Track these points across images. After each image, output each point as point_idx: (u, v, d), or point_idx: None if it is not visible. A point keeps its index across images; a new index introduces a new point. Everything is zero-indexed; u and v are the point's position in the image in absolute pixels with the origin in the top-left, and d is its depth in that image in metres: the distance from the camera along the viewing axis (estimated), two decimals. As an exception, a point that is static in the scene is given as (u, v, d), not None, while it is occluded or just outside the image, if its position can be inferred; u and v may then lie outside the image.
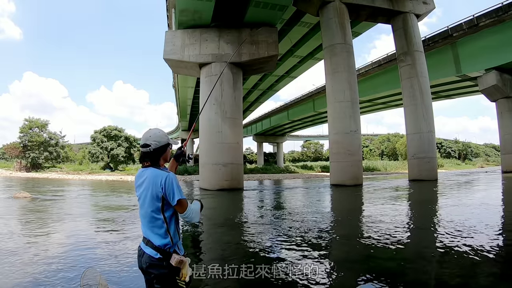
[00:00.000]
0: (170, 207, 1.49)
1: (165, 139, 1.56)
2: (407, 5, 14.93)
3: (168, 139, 1.59)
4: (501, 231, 4.33)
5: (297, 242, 4.00)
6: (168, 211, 1.49)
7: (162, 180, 1.45)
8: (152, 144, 1.52)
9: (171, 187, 1.45)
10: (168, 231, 1.48)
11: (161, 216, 1.47)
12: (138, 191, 1.54)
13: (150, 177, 1.49)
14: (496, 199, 8.28)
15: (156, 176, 1.48)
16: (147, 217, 1.49)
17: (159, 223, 1.47)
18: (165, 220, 1.47)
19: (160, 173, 1.48)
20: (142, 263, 1.49)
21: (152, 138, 1.53)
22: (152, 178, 1.48)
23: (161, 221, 1.47)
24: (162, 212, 1.47)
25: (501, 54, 15.35)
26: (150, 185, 1.47)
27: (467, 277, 2.72)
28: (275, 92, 30.94)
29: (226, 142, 12.75)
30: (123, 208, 7.92)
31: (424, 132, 14.27)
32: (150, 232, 1.48)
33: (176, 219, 1.53)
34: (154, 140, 1.53)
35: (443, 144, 54.24)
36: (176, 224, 1.53)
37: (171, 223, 1.49)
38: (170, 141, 1.60)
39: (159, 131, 1.58)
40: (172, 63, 14.22)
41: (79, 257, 3.36)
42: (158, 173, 1.49)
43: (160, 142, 1.54)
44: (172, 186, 1.45)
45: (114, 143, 35.85)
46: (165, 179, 1.45)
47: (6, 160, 43.71)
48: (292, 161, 55.93)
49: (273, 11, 13.18)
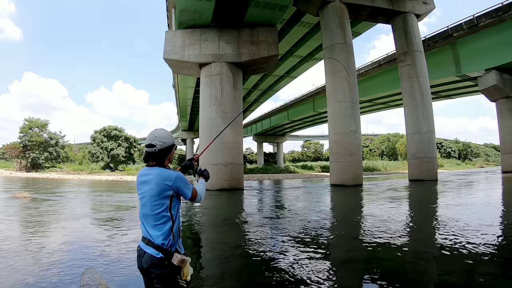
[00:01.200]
0: (177, 204, 1.53)
1: (170, 140, 1.57)
2: (407, 5, 14.92)
3: (173, 140, 1.60)
4: (502, 231, 4.33)
5: (297, 242, 4.00)
6: (175, 208, 1.52)
7: (172, 181, 1.48)
8: (157, 144, 1.53)
9: (183, 186, 1.51)
10: (171, 229, 1.49)
11: (167, 214, 1.48)
12: (141, 189, 1.54)
13: (157, 177, 1.49)
14: (496, 199, 8.27)
15: (164, 176, 1.49)
16: (150, 216, 1.49)
17: (165, 220, 1.48)
18: (172, 217, 1.50)
19: (169, 174, 1.50)
20: (142, 263, 1.48)
21: (158, 139, 1.54)
22: (160, 178, 1.48)
23: (167, 218, 1.48)
24: (169, 210, 1.49)
25: (501, 54, 15.35)
26: (158, 185, 1.48)
27: (468, 277, 2.72)
28: (275, 92, 30.95)
29: (226, 142, 12.74)
30: (123, 208, 7.92)
31: (424, 132, 14.27)
32: (153, 230, 1.47)
33: (179, 216, 1.56)
34: (160, 141, 1.53)
35: (443, 144, 54.25)
36: (179, 222, 1.55)
37: (176, 220, 1.52)
38: (175, 142, 1.63)
39: (164, 132, 1.59)
40: (172, 63, 14.22)
41: (79, 257, 3.36)
42: (167, 173, 1.50)
43: (166, 143, 1.55)
44: (185, 185, 1.52)
45: (114, 143, 35.87)
46: (175, 179, 1.49)
47: (6, 160, 43.71)
48: (292, 161, 55.92)
49: (273, 11, 13.18)
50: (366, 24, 17.41)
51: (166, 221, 1.48)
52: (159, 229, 1.47)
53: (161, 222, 1.47)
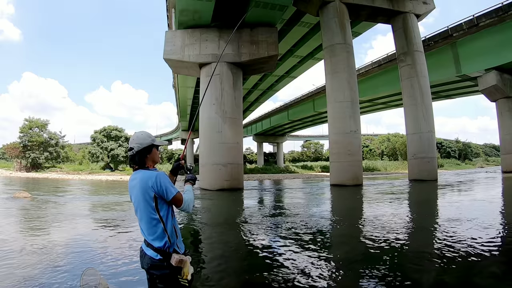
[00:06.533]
0: (164, 205, 1.49)
1: (148, 140, 1.55)
2: (407, 5, 14.92)
3: (152, 140, 1.57)
4: (502, 230, 4.33)
5: (297, 242, 4.00)
6: (163, 209, 1.49)
7: (152, 181, 1.46)
8: (135, 146, 1.53)
9: (163, 185, 1.46)
10: (165, 230, 1.48)
11: (156, 216, 1.47)
12: (132, 194, 1.55)
13: (140, 179, 1.49)
14: (497, 200, 8.26)
15: (145, 177, 1.48)
16: (143, 219, 1.49)
17: (155, 222, 1.47)
18: (161, 219, 1.48)
19: (149, 174, 1.49)
20: (144, 264, 1.51)
21: (135, 141, 1.54)
22: (142, 180, 1.48)
23: (157, 220, 1.47)
24: (157, 211, 1.47)
25: (501, 54, 15.35)
26: (141, 187, 1.47)
27: (468, 277, 2.72)
28: (275, 92, 30.95)
29: (226, 142, 12.75)
30: (123, 208, 7.91)
31: (424, 132, 14.27)
32: (148, 234, 1.49)
33: (172, 216, 1.54)
34: (137, 143, 1.53)
35: (443, 144, 54.25)
36: (172, 222, 1.53)
37: (167, 221, 1.50)
38: (156, 142, 1.59)
39: (142, 133, 1.58)
40: (172, 63, 14.22)
41: (79, 257, 3.36)
42: (147, 174, 1.49)
43: (142, 144, 1.54)
44: (164, 184, 1.46)
45: (114, 143, 35.86)
46: (155, 178, 1.46)
47: (6, 160, 43.67)
48: (292, 161, 55.92)
49: (273, 11, 13.18)
50: (366, 24, 17.41)
51: (157, 223, 1.47)
52: (152, 233, 1.47)
53: (152, 225, 1.47)
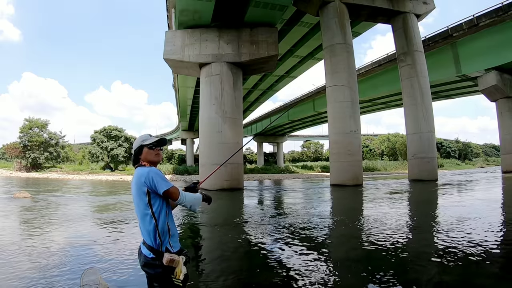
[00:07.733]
0: (157, 200, 1.51)
1: (138, 142, 1.69)
2: (407, 5, 14.92)
3: (141, 141, 1.67)
4: (503, 230, 4.33)
5: (297, 241, 4.00)
6: (156, 205, 1.51)
7: (144, 176, 1.51)
8: (132, 149, 1.73)
9: (154, 179, 1.50)
10: (156, 226, 1.49)
11: (149, 211, 1.49)
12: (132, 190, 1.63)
13: (135, 176, 1.56)
14: (497, 199, 8.27)
15: (139, 174, 1.54)
16: (138, 215, 1.53)
17: (148, 218, 1.49)
18: (153, 215, 1.50)
19: (142, 170, 1.54)
20: (140, 261, 1.54)
21: (133, 145, 1.72)
22: (136, 176, 1.55)
23: (150, 216, 1.49)
24: (150, 206, 1.50)
25: (501, 54, 15.35)
26: (135, 183, 1.53)
27: (468, 277, 2.72)
28: (275, 92, 30.95)
29: (226, 142, 12.75)
30: (123, 207, 7.91)
31: (424, 132, 14.28)
32: (142, 230, 1.52)
33: (165, 213, 1.54)
34: (133, 147, 1.72)
35: (443, 144, 54.25)
36: (166, 219, 1.53)
37: (159, 217, 1.50)
38: (144, 142, 1.67)
39: (138, 137, 1.74)
40: (172, 63, 14.23)
41: (79, 257, 3.36)
42: (140, 170, 1.56)
43: (134, 146, 1.70)
44: (155, 178, 1.50)
45: (114, 143, 35.84)
46: (147, 174, 1.51)
47: (6, 160, 43.67)
48: (292, 161, 55.92)
49: (273, 11, 13.18)
50: (366, 24, 17.41)
51: (149, 219, 1.49)
52: (145, 228, 1.51)
53: (145, 222, 1.50)
